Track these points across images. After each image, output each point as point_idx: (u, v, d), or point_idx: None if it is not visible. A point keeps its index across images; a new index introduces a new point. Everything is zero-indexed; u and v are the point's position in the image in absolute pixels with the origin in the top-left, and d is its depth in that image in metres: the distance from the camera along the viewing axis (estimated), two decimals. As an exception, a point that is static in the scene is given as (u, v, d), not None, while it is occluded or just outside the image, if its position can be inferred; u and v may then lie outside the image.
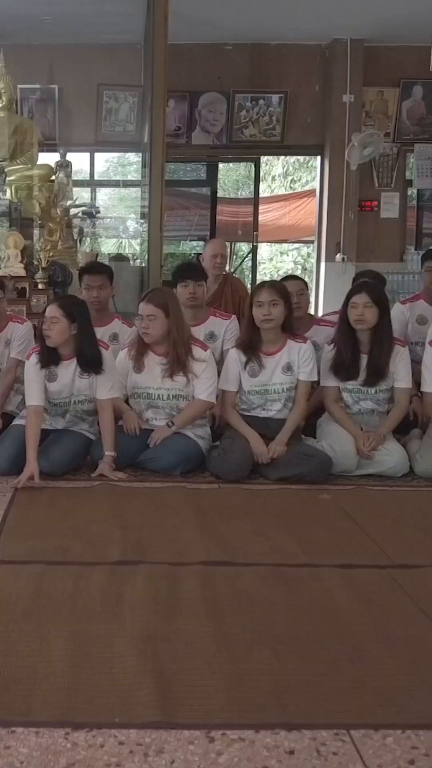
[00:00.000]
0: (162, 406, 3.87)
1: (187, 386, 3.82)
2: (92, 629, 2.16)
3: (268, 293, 3.78)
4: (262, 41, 8.33)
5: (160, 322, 3.75)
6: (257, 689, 1.87)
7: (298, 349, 3.86)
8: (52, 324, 3.67)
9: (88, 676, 1.92)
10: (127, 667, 1.96)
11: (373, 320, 3.79)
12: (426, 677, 1.94)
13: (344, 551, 2.80)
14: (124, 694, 1.84)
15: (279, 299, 3.79)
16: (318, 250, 8.90)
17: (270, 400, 3.89)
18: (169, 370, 3.79)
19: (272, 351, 3.88)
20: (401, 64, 8.29)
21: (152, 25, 5.51)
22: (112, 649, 2.05)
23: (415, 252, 8.52)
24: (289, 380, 3.87)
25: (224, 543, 2.85)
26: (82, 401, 3.83)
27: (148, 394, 3.87)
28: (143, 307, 3.77)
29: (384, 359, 3.81)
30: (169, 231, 8.31)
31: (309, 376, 3.87)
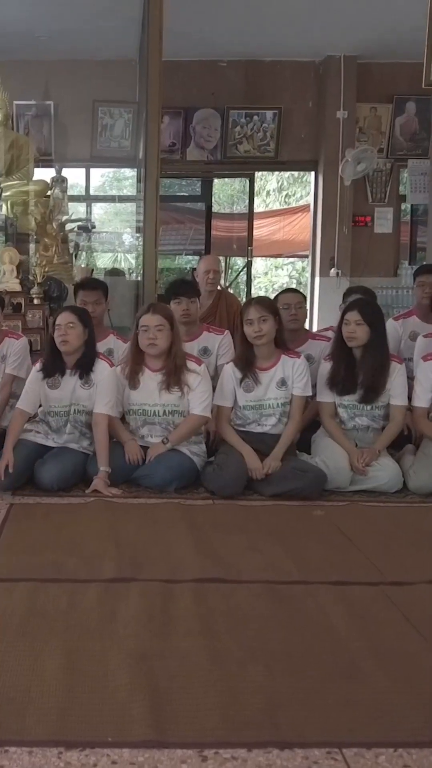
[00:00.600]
0: (158, 422, 3.88)
1: (182, 400, 3.83)
2: (86, 647, 2.17)
3: (256, 310, 3.80)
4: (256, 58, 8.41)
5: (167, 333, 3.79)
6: (250, 707, 1.87)
7: (292, 364, 3.88)
8: (69, 329, 3.76)
9: (82, 694, 1.92)
10: (121, 685, 1.96)
11: (364, 338, 3.81)
12: (419, 694, 1.95)
13: (338, 568, 2.81)
14: (117, 713, 1.85)
15: (268, 314, 3.81)
16: (312, 265, 8.95)
17: (265, 415, 3.91)
18: (166, 382, 3.80)
19: (266, 366, 3.89)
20: (394, 80, 8.38)
21: (147, 41, 5.56)
22: (105, 667, 2.05)
23: (408, 267, 8.56)
24: (284, 395, 3.88)
25: (218, 560, 2.86)
26: (81, 411, 3.85)
27: (143, 411, 3.88)
28: (150, 318, 3.78)
29: (378, 376, 3.83)
30: (164, 245, 8.35)
31: (303, 391, 3.89)
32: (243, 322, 3.85)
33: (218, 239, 9.30)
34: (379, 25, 7.28)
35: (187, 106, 8.46)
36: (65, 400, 3.83)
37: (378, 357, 3.85)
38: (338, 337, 3.92)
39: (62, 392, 3.82)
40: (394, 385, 3.87)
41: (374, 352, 3.84)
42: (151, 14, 5.36)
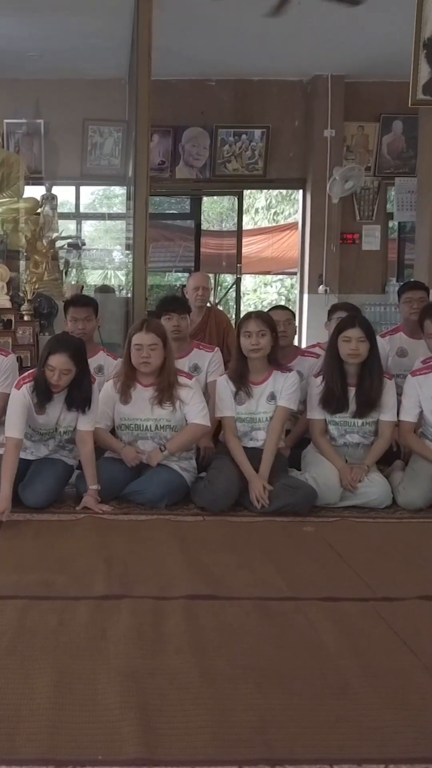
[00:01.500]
0: (150, 437, 3.88)
1: (174, 415, 3.84)
2: (76, 665, 2.16)
3: (256, 323, 3.82)
4: (244, 77, 8.49)
5: (160, 351, 3.79)
6: (241, 725, 1.87)
7: (284, 379, 3.89)
8: (63, 375, 3.61)
9: (72, 712, 1.92)
10: (111, 704, 1.95)
11: (365, 354, 3.83)
12: (409, 711, 1.95)
13: (328, 584, 2.81)
14: (107, 731, 1.84)
15: (266, 329, 3.83)
16: (301, 282, 9.00)
17: (256, 428, 3.92)
18: (158, 397, 3.81)
19: (259, 380, 3.91)
20: (381, 99, 8.46)
21: (136, 61, 5.60)
22: (95, 686, 2.04)
23: (396, 283, 8.61)
24: (272, 409, 3.90)
25: (209, 576, 2.86)
26: (67, 431, 3.84)
27: (136, 425, 3.88)
28: (143, 336, 3.78)
29: (376, 391, 3.85)
30: (154, 262, 8.39)
31: (287, 403, 3.89)
32: (240, 334, 3.86)
33: (207, 256, 9.35)
34: (366, 44, 7.36)
35: (176, 125, 8.52)
36: (51, 424, 3.81)
37: (378, 372, 3.87)
38: (332, 355, 3.91)
39: (48, 417, 3.78)
40: (384, 400, 3.89)
41: (372, 367, 3.86)
42: (140, 34, 5.39)
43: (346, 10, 6.20)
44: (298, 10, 5.99)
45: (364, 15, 6.47)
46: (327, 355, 3.97)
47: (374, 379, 3.85)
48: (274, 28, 6.74)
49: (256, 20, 6.40)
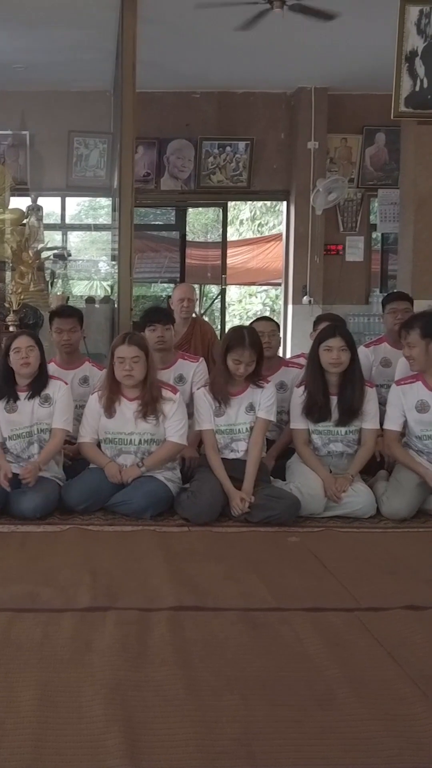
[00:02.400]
0: (133, 452, 3.88)
1: (157, 429, 3.85)
2: (60, 678, 2.15)
3: (249, 354, 3.81)
4: (228, 89, 8.56)
5: (143, 364, 3.80)
6: (226, 737, 1.87)
7: (260, 391, 3.92)
8: (30, 352, 3.83)
9: (56, 726, 1.91)
10: (95, 716, 1.94)
11: (347, 363, 3.87)
12: (394, 722, 1.95)
13: (313, 594, 2.81)
14: (92, 744, 1.83)
15: (256, 357, 3.86)
16: (285, 293, 9.05)
17: (235, 439, 3.93)
18: (142, 411, 3.81)
19: (237, 392, 3.93)
20: (364, 111, 8.55)
21: (121, 73, 5.64)
22: (80, 698, 2.03)
23: (380, 294, 8.67)
24: (251, 420, 3.92)
25: (194, 588, 2.85)
26: (44, 430, 3.89)
27: (120, 440, 3.88)
28: (126, 349, 3.79)
29: (357, 399, 3.89)
30: (140, 273, 8.42)
31: (266, 414, 3.91)
32: (227, 356, 3.84)
33: (193, 267, 9.38)
34: (349, 57, 7.44)
35: (161, 137, 8.57)
36: (26, 422, 3.86)
37: (359, 380, 3.91)
38: (313, 365, 3.94)
39: (21, 415, 3.86)
40: (366, 409, 3.92)
41: (353, 375, 3.90)
42: (125, 47, 5.44)
43: (329, 23, 6.28)
44: (281, 23, 6.05)
45: (347, 28, 6.56)
46: (308, 364, 4.01)
47: (356, 387, 3.89)
48: (257, 40, 6.81)
49: (240, 33, 6.46)
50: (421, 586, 2.91)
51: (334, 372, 3.89)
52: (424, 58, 5.27)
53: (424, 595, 2.79)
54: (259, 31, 6.42)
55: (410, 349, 3.85)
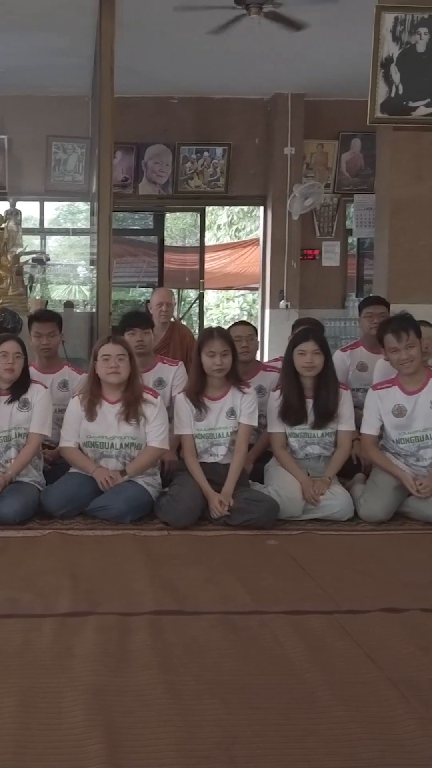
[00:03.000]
0: (114, 455, 3.87)
1: (139, 432, 3.85)
2: (41, 684, 2.14)
3: (220, 344, 3.85)
4: (206, 95, 8.58)
5: (128, 363, 3.81)
6: (207, 741, 1.87)
7: (241, 396, 3.93)
8: (16, 358, 3.82)
9: (38, 732, 1.90)
10: (77, 722, 1.94)
11: (321, 366, 3.91)
12: (375, 724, 1.96)
13: (292, 597, 2.83)
14: (73, 750, 1.83)
15: (229, 349, 3.87)
16: (262, 297, 9.09)
17: (215, 444, 3.94)
18: (124, 413, 3.81)
19: (217, 396, 3.94)
20: (340, 117, 8.60)
21: (99, 78, 5.63)
22: (61, 704, 2.03)
23: (356, 299, 8.75)
24: (233, 425, 3.93)
25: (174, 592, 2.86)
26: (22, 435, 3.87)
27: (101, 443, 3.87)
28: (111, 347, 3.80)
29: (332, 401, 3.92)
30: (118, 278, 8.41)
31: (249, 420, 3.93)
32: (201, 352, 3.88)
33: (171, 272, 9.40)
34: (325, 64, 7.50)
35: (139, 142, 8.58)
36: (4, 426, 3.84)
37: (333, 383, 3.95)
38: (288, 369, 3.97)
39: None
40: (341, 411, 3.96)
41: (328, 378, 3.94)
42: (103, 52, 5.43)
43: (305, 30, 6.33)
44: (258, 29, 6.09)
45: (324, 35, 6.61)
46: (283, 368, 4.03)
47: (330, 390, 3.93)
48: (235, 46, 6.84)
49: (217, 40, 6.48)
50: (400, 588, 2.93)
51: (308, 375, 3.92)
52: (400, 65, 5.30)
53: (403, 598, 2.81)
54: (236, 38, 6.44)
55: (410, 349, 3.85)
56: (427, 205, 5.55)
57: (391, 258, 5.55)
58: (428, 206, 5.56)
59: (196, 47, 6.88)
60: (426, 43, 5.28)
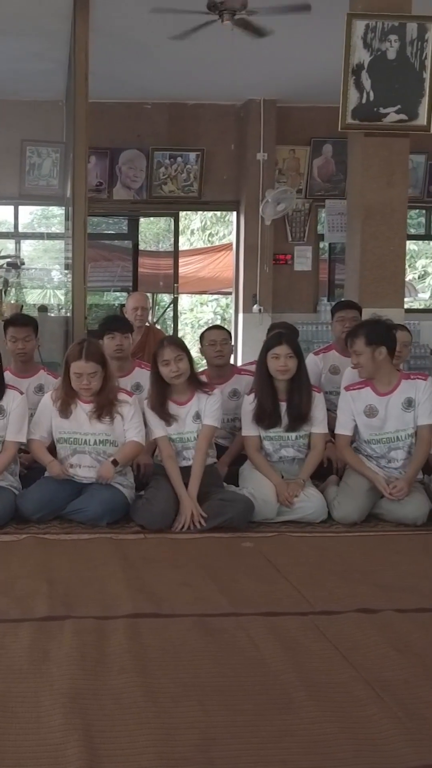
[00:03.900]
0: (88, 452, 3.87)
1: (112, 429, 3.85)
2: (18, 688, 2.14)
3: (171, 350, 3.86)
4: (179, 101, 8.62)
5: (100, 376, 3.80)
6: (185, 743, 1.88)
7: (206, 399, 3.95)
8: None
9: (16, 737, 1.90)
10: (54, 726, 1.94)
11: (294, 369, 3.94)
12: (350, 724, 1.98)
13: (267, 599, 2.85)
14: (52, 755, 1.83)
15: (182, 353, 3.88)
16: (236, 302, 9.14)
17: (185, 448, 3.96)
18: (97, 413, 3.82)
19: (183, 401, 3.96)
20: (312, 123, 8.69)
21: (73, 83, 5.64)
22: (39, 708, 2.03)
23: (327, 303, 8.82)
24: (198, 428, 3.95)
25: (151, 595, 2.87)
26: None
27: (75, 440, 3.87)
28: (83, 366, 3.74)
29: (305, 404, 3.96)
30: (93, 282, 8.40)
31: (212, 420, 3.95)
32: (157, 363, 3.90)
33: (145, 276, 9.41)
34: (297, 70, 7.57)
35: (113, 147, 8.60)
36: None
37: (306, 386, 3.99)
38: (262, 372, 4.00)
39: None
40: (314, 414, 4.00)
41: (301, 381, 3.98)
42: (77, 57, 5.44)
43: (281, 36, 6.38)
44: (230, 36, 6.13)
45: (296, 42, 6.67)
46: (257, 372, 4.06)
47: (303, 393, 3.97)
48: (207, 53, 6.88)
49: (191, 46, 6.52)
50: (373, 589, 2.96)
51: (282, 379, 3.96)
52: (371, 72, 5.37)
53: (377, 599, 2.84)
54: (209, 44, 6.48)
55: (357, 356, 3.92)
56: (397, 211, 5.62)
57: (362, 263, 5.61)
58: (399, 211, 5.63)
59: (170, 53, 6.91)
60: (396, 50, 5.36)
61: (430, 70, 5.40)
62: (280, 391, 4.00)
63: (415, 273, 13.89)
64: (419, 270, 14.12)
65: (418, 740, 1.89)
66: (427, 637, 2.49)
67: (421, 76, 5.40)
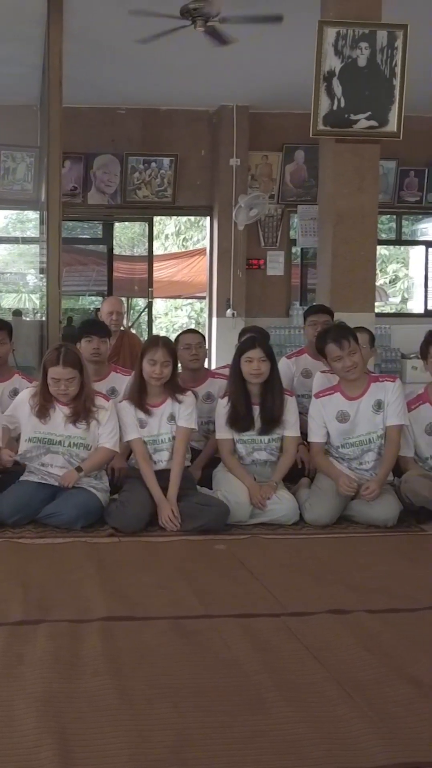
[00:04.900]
0: (61, 453, 3.87)
1: (87, 433, 3.86)
2: (-8, 693, 2.13)
3: (163, 354, 3.88)
4: (153, 106, 8.65)
5: (78, 381, 3.81)
6: (159, 745, 1.88)
7: (182, 400, 3.98)
8: None
9: (-11, 741, 1.90)
10: (28, 730, 1.94)
11: (267, 373, 3.98)
12: (322, 724, 1.99)
13: (240, 601, 2.87)
14: (25, 758, 1.83)
15: (170, 360, 3.91)
16: (209, 306, 9.17)
17: (158, 450, 3.98)
18: (73, 417, 3.83)
19: (157, 403, 3.98)
20: (284, 129, 8.74)
21: (47, 88, 5.63)
22: (12, 712, 2.03)
23: (299, 307, 8.88)
24: (174, 430, 3.97)
25: (125, 598, 2.88)
26: None
27: (49, 440, 3.87)
28: (60, 371, 3.75)
29: (278, 407, 3.99)
30: (68, 286, 8.40)
31: (187, 423, 3.97)
32: (143, 359, 3.91)
33: (120, 280, 9.42)
34: (269, 77, 7.62)
35: (88, 152, 8.59)
36: None
37: (279, 389, 4.02)
38: (235, 376, 4.03)
39: None
40: (286, 417, 4.03)
41: (273, 385, 4.01)
42: (51, 62, 5.44)
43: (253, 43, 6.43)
44: (204, 42, 6.16)
45: (268, 48, 6.72)
46: (231, 376, 4.09)
47: (276, 396, 4.00)
48: (181, 59, 6.91)
49: (164, 52, 6.55)
50: (344, 590, 2.99)
51: (255, 382, 3.99)
52: (342, 78, 5.41)
53: (347, 599, 2.88)
54: (183, 50, 6.52)
55: (352, 356, 3.93)
56: (368, 216, 5.68)
57: (333, 267, 5.66)
58: (369, 217, 5.69)
59: (144, 59, 6.92)
60: (367, 58, 5.42)
61: (399, 77, 5.46)
62: (253, 394, 4.03)
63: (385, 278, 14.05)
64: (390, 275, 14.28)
65: (388, 739, 1.92)
66: (398, 638, 2.52)
67: (391, 83, 5.46)
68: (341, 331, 4.03)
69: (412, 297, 10.93)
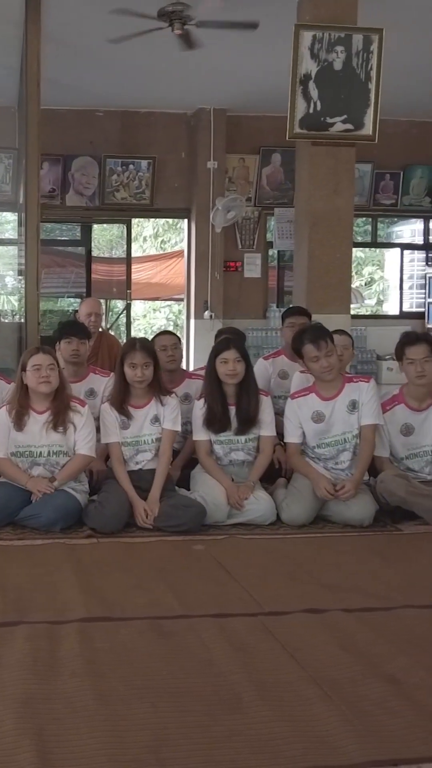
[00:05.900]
0: (42, 463, 3.88)
1: (66, 440, 3.87)
2: (-31, 696, 2.13)
3: (142, 356, 3.90)
4: (131, 108, 8.64)
5: (57, 373, 3.84)
6: (136, 745, 1.89)
7: (166, 403, 4.00)
8: None
9: (-34, 744, 1.89)
10: (6, 731, 1.94)
11: (242, 374, 4.00)
12: (298, 723, 2.01)
13: (217, 601, 2.88)
14: (3, 759, 1.83)
15: (150, 360, 3.93)
16: (187, 308, 9.18)
17: (141, 450, 4.00)
18: (52, 422, 3.83)
19: (141, 404, 4.00)
20: (261, 132, 8.77)
21: (25, 90, 5.61)
22: (-11, 715, 2.02)
23: (276, 309, 8.92)
24: (157, 431, 3.99)
25: (103, 599, 2.88)
26: None
27: (30, 452, 3.87)
28: (42, 357, 3.81)
29: (253, 408, 4.02)
30: (46, 288, 8.36)
31: (173, 425, 4.00)
32: (124, 362, 3.93)
33: (98, 282, 9.40)
34: (247, 80, 7.65)
35: (66, 154, 8.57)
36: None
37: (254, 389, 4.06)
38: (211, 377, 4.05)
39: None
40: (262, 417, 4.06)
41: (248, 385, 4.04)
42: (29, 64, 5.42)
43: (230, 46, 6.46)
44: (180, 45, 6.18)
45: (245, 52, 6.75)
46: (206, 377, 4.12)
47: (251, 396, 4.04)
48: (159, 61, 6.92)
49: (142, 54, 6.55)
50: (320, 589, 3.02)
51: (230, 383, 4.01)
52: (318, 82, 5.45)
53: (323, 599, 2.90)
54: (160, 53, 6.53)
55: (329, 357, 3.96)
56: (343, 219, 5.72)
57: (309, 270, 5.69)
58: (345, 219, 5.74)
59: (122, 61, 6.92)
60: (342, 61, 5.46)
61: (375, 80, 5.50)
62: (228, 395, 4.05)
63: (361, 280, 14.13)
64: (365, 277, 14.36)
65: (364, 737, 1.94)
66: (373, 636, 2.55)
67: (366, 86, 5.51)
68: (318, 331, 4.06)
69: (388, 299, 11.04)
